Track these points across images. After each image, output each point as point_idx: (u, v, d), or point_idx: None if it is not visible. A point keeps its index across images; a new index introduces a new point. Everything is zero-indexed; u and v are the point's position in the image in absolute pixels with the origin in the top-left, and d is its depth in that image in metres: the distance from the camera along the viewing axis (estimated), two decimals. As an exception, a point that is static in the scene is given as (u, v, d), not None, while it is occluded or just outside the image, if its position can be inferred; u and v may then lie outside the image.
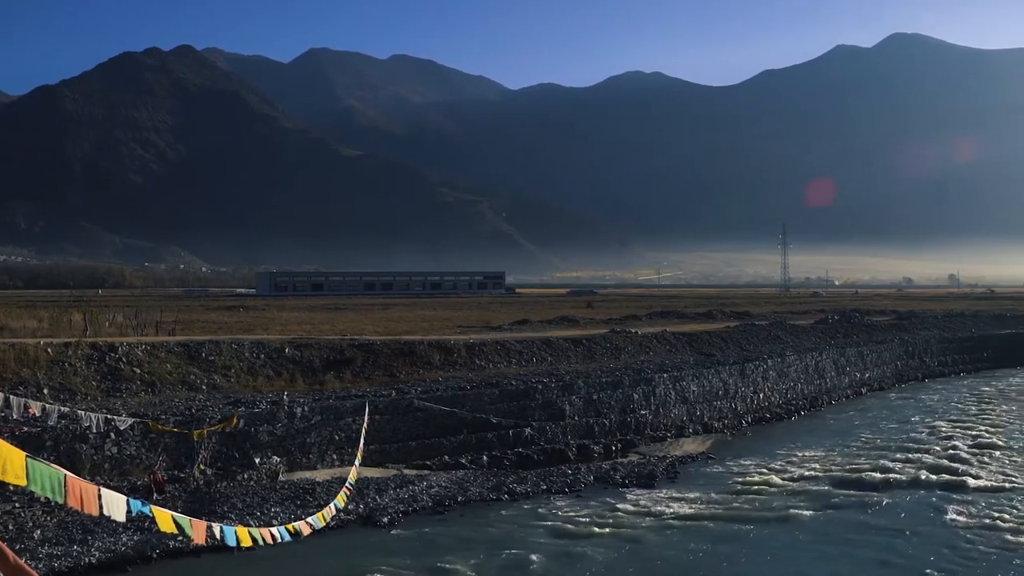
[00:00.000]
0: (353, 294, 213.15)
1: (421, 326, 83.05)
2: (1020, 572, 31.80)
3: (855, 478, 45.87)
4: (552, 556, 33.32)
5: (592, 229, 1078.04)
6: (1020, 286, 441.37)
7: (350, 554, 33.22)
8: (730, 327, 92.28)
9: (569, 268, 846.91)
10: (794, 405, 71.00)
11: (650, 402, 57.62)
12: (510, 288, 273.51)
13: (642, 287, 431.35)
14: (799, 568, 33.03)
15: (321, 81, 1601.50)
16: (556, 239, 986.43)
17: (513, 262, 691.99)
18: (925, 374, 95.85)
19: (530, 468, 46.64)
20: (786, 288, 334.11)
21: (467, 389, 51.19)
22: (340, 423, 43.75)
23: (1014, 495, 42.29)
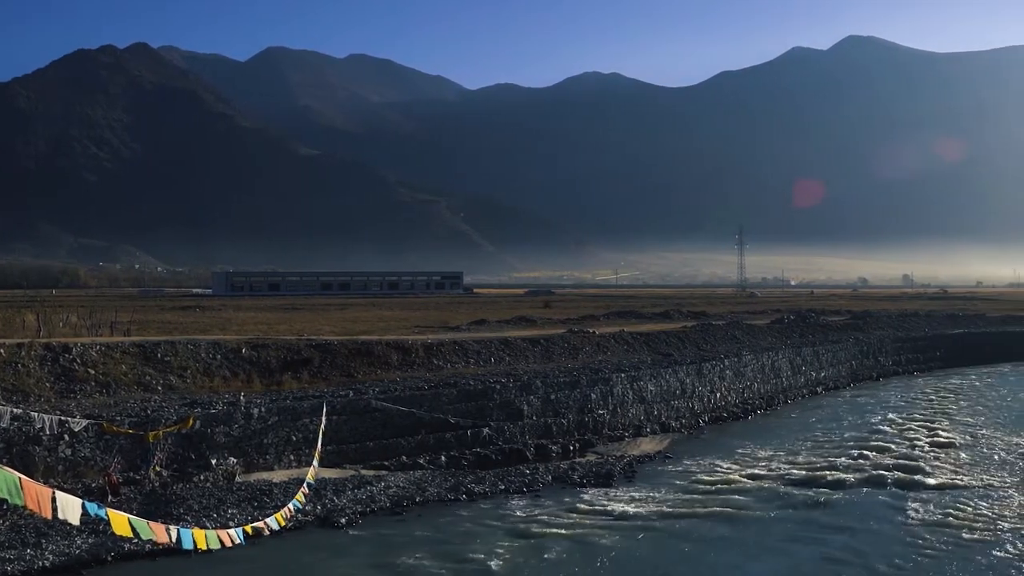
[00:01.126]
0: (310, 294, 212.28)
1: (379, 326, 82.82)
2: (973, 569, 32.21)
3: (811, 477, 46.26)
4: (510, 556, 33.34)
5: (550, 229, 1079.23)
6: (973, 286, 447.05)
7: (308, 555, 33.10)
8: (687, 327, 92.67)
9: (527, 268, 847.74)
10: (751, 404, 71.47)
11: (608, 402, 57.78)
12: (468, 288, 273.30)
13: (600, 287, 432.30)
14: (755, 566, 33.26)
15: (278, 80, 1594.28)
16: (514, 239, 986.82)
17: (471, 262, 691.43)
18: (880, 373, 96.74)
19: (488, 468, 46.65)
20: (743, 288, 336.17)
21: (425, 389, 51.10)
22: (297, 424, 43.55)
23: (967, 493, 42.84)
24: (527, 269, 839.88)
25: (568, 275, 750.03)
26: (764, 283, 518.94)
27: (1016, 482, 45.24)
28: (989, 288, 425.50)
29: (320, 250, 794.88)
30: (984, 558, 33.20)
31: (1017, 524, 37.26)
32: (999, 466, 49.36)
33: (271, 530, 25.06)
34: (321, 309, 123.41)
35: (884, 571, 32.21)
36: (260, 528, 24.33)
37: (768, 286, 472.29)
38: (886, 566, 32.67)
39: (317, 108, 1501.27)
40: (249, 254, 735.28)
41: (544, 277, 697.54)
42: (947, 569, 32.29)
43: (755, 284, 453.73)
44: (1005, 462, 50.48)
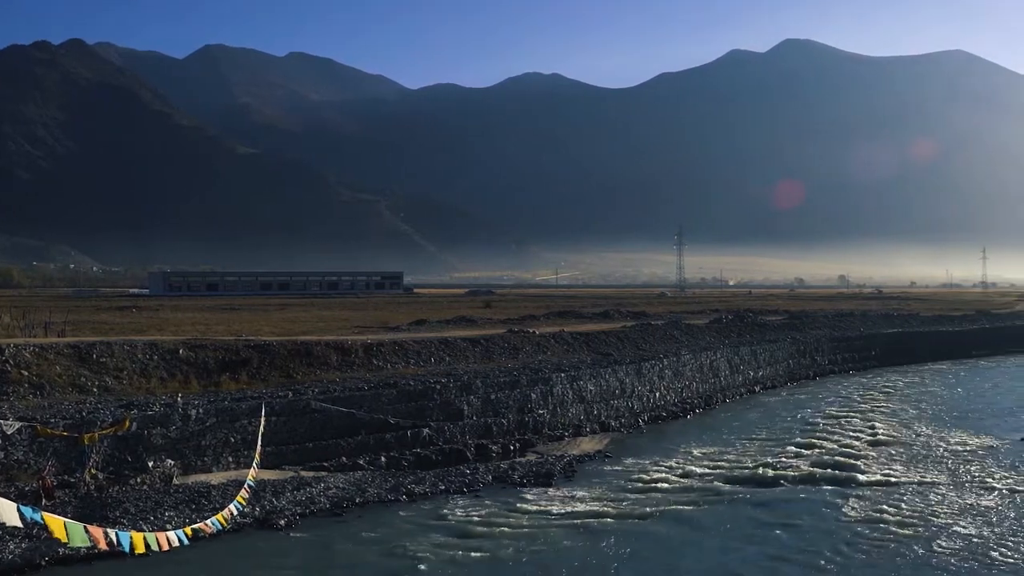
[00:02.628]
0: (249, 294, 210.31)
1: (318, 326, 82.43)
2: (906, 563, 32.73)
3: (749, 475, 46.75)
4: (450, 556, 33.35)
5: (490, 229, 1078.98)
6: (907, 287, 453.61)
7: (247, 557, 32.87)
8: (627, 327, 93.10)
9: (467, 268, 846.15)
10: (689, 404, 71.96)
11: (548, 401, 57.93)
12: (408, 288, 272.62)
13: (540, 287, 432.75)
14: (693, 564, 33.52)
15: (217, 78, 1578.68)
16: (454, 239, 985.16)
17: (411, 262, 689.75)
18: (817, 372, 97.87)
19: (428, 468, 46.61)
20: (681, 288, 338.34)
21: (365, 390, 50.93)
22: (236, 425, 43.24)
23: (902, 490, 43.55)
24: (467, 269, 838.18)
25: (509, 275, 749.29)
26: (703, 283, 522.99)
27: (949, 479, 46.03)
28: (922, 288, 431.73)
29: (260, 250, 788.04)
30: (918, 553, 33.77)
31: (950, 520, 37.93)
32: (933, 463, 50.17)
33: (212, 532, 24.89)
34: (260, 309, 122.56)
35: (823, 567, 32.64)
36: (200, 530, 24.15)
37: (707, 286, 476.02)
38: (825, 562, 33.11)
39: (256, 107, 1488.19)
40: (187, 254, 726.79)
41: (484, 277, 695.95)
42: (884, 564, 32.80)
43: (694, 284, 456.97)
44: (938, 459, 51.32)
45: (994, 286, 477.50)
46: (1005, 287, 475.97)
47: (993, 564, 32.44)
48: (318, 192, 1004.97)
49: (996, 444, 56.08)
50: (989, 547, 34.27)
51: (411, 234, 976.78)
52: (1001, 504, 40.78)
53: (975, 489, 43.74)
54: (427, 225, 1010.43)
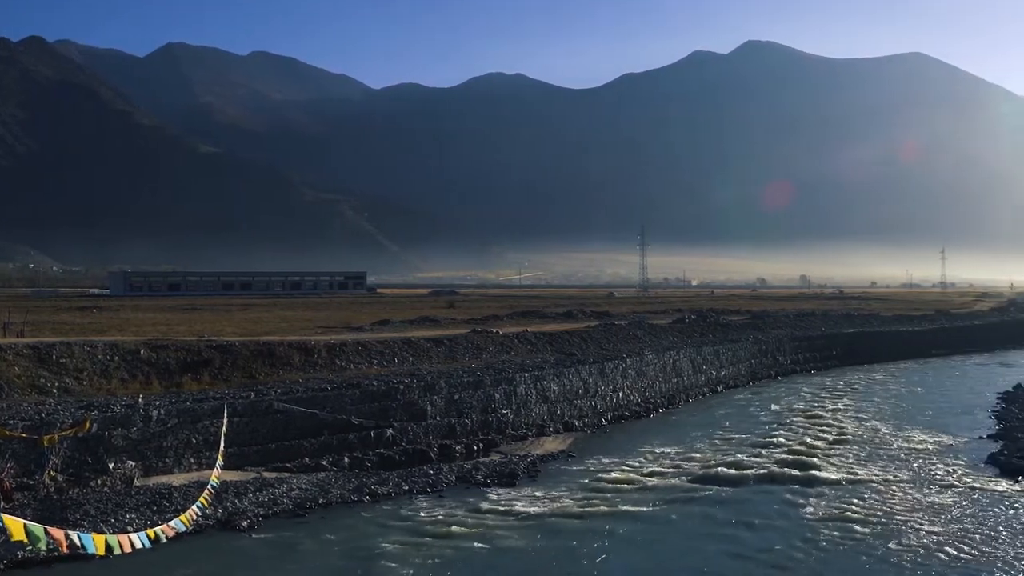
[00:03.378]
0: (211, 294, 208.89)
1: (281, 327, 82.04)
2: (867, 561, 33.02)
3: (711, 473, 46.98)
4: (413, 557, 33.31)
5: (454, 229, 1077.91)
6: (868, 287, 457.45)
7: (209, 559, 32.68)
8: (590, 327, 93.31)
9: (430, 268, 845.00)
10: (652, 403, 72.23)
11: (511, 401, 57.96)
12: (371, 288, 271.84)
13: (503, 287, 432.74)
14: (657, 563, 33.64)
15: (178, 77, 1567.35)
16: (418, 239, 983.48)
17: (374, 262, 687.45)
18: (778, 372, 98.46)
19: (392, 469, 46.52)
20: (644, 288, 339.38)
21: (328, 390, 50.74)
22: (198, 426, 42.97)
23: (862, 488, 43.92)
24: (431, 269, 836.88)
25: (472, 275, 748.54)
26: (666, 283, 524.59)
27: (909, 477, 46.47)
28: (883, 288, 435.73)
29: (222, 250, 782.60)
30: (879, 551, 34.08)
31: (910, 518, 38.28)
32: (893, 461, 50.63)
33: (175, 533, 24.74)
34: (222, 309, 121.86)
35: (785, 566, 32.89)
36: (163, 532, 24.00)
37: (670, 286, 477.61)
38: (787, 560, 33.37)
39: (218, 106, 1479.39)
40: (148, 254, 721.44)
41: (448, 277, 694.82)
42: (845, 562, 33.10)
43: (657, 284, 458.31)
44: (899, 457, 51.80)
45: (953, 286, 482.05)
46: (964, 287, 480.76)
47: (952, 561, 32.79)
48: (281, 192, 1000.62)
49: (955, 442, 56.69)
50: (948, 544, 34.62)
51: (374, 234, 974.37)
52: (960, 502, 41.21)
53: (935, 487, 44.19)
54: (390, 225, 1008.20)
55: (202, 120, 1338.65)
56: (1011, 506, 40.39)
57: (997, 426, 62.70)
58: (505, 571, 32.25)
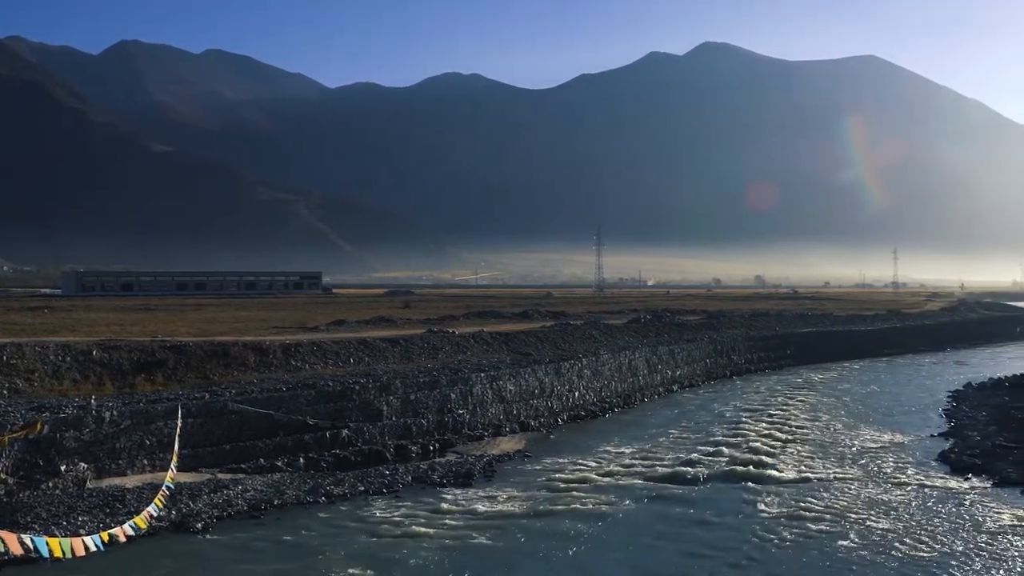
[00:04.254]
0: (165, 294, 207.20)
1: (235, 327, 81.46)
2: (821, 558, 33.35)
3: (666, 473, 47.24)
4: (369, 558, 33.25)
5: (410, 229, 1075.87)
6: (821, 287, 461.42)
7: (162, 562, 32.43)
8: (546, 327, 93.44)
9: (386, 268, 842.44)
10: (608, 403, 72.43)
11: (467, 401, 57.95)
12: (327, 288, 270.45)
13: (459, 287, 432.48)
14: (611, 562, 33.79)
15: (132, 75, 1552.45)
16: (373, 239, 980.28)
17: (330, 262, 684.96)
18: (734, 371, 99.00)
19: (347, 469, 46.37)
20: (600, 288, 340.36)
21: (283, 391, 50.50)
22: (151, 427, 42.62)
23: (816, 486, 44.36)
24: (387, 269, 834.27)
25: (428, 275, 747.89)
26: (622, 283, 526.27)
27: (862, 475, 46.93)
28: (836, 288, 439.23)
29: (176, 249, 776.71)
30: (833, 548, 34.42)
31: (862, 515, 38.68)
32: (846, 459, 51.12)
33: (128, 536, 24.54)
34: (176, 310, 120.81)
35: (741, 564, 33.14)
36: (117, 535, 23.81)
37: (626, 286, 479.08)
38: (743, 559, 33.62)
39: (172, 104, 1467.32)
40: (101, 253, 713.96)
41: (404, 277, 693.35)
42: (799, 559, 33.39)
43: (612, 284, 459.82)
44: (851, 455, 52.31)
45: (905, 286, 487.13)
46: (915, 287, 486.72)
47: (903, 558, 33.18)
48: (235, 191, 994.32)
49: (906, 440, 57.32)
50: (899, 541, 35.03)
51: (329, 234, 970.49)
52: (911, 499, 41.70)
53: (887, 485, 44.68)
54: (346, 225, 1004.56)
55: (156, 119, 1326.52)
56: (960, 503, 40.91)
57: (947, 424, 63.47)
58: (461, 571, 32.23)
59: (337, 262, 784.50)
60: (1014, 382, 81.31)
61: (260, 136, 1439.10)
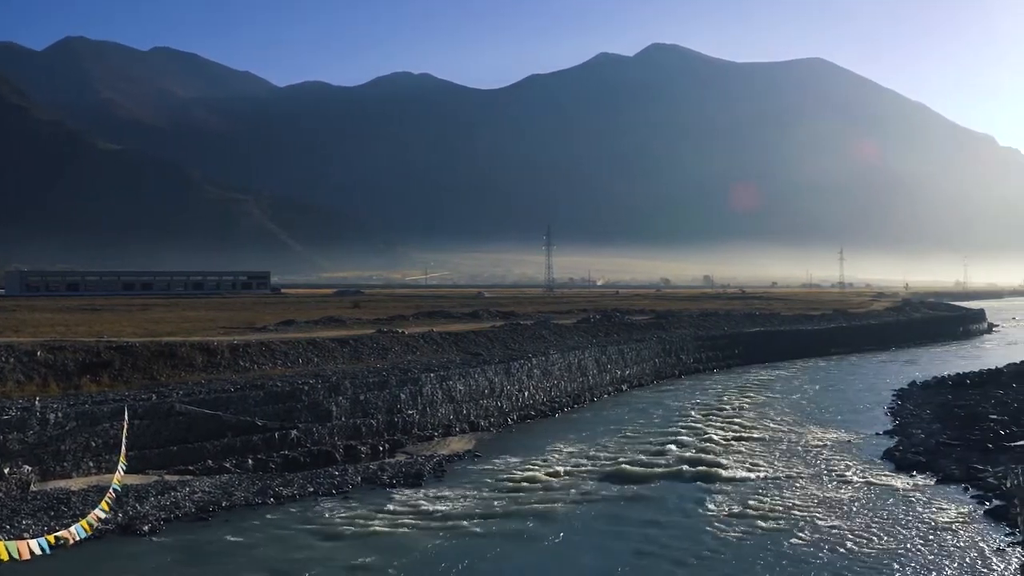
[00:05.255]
0: (111, 294, 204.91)
1: (183, 327, 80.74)
2: (768, 556, 33.64)
3: (616, 472, 47.45)
4: (318, 560, 33.15)
5: (359, 229, 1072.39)
6: (769, 286, 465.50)
7: (108, 565, 32.10)
8: (496, 327, 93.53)
9: (336, 268, 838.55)
10: (558, 402, 72.56)
11: (417, 402, 57.87)
12: (275, 288, 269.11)
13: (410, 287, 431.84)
14: (562, 561, 33.90)
15: (77, 72, 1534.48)
16: (322, 239, 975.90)
17: (279, 262, 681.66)
18: (682, 371, 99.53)
19: (296, 470, 46.18)
20: (550, 288, 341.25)
21: (231, 391, 50.14)
22: (97, 429, 42.16)
23: (764, 484, 44.77)
24: (336, 269, 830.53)
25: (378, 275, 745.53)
26: (571, 283, 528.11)
27: (808, 473, 47.39)
28: (784, 288, 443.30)
29: (123, 249, 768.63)
30: (780, 546, 34.74)
31: (810, 513, 39.07)
32: (793, 457, 51.61)
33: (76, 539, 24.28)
34: (122, 310, 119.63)
35: (690, 562, 33.35)
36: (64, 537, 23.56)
37: (575, 286, 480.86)
38: (692, 557, 33.84)
39: (119, 102, 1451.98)
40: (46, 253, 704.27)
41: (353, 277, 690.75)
42: (747, 558, 33.65)
43: (562, 284, 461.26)
44: (798, 454, 52.81)
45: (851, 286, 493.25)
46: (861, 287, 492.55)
47: (849, 554, 33.56)
48: (183, 190, 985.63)
49: (852, 439, 57.91)
50: (846, 538, 35.43)
51: (279, 233, 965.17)
52: (857, 497, 42.15)
53: (833, 483, 45.14)
54: (295, 224, 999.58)
55: (103, 116, 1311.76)
56: (905, 500, 41.43)
57: (893, 422, 64.19)
58: (411, 572, 32.21)
59: (287, 262, 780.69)
60: (957, 381, 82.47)
61: (209, 135, 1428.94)
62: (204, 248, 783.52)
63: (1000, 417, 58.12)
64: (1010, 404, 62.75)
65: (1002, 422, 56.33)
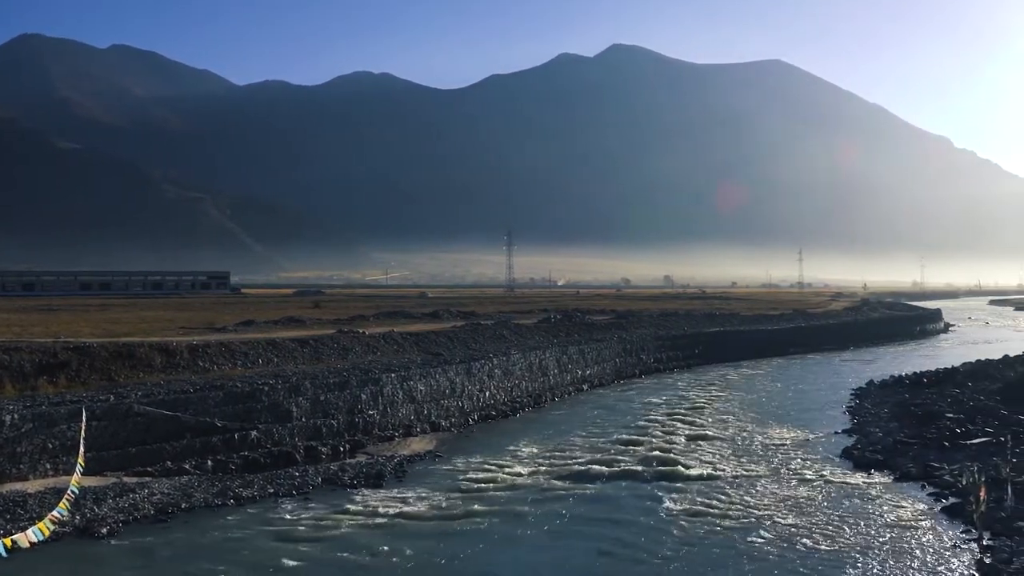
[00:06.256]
0: (68, 294, 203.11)
1: (141, 327, 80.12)
2: (727, 554, 33.86)
3: (576, 472, 47.55)
4: (277, 561, 32.99)
5: (320, 229, 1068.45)
6: (729, 287, 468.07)
7: (66, 568, 31.81)
8: (457, 327, 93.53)
9: (296, 268, 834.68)
10: (519, 402, 72.60)
11: (378, 402, 57.74)
12: (235, 288, 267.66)
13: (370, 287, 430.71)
14: (523, 562, 33.91)
15: (34, 69, 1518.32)
16: (282, 239, 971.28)
17: (239, 262, 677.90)
18: (643, 371, 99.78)
19: (257, 471, 45.95)
20: (511, 289, 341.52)
21: (190, 392, 49.80)
22: (54, 430, 41.75)
23: (723, 483, 45.03)
24: (296, 269, 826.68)
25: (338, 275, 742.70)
26: (532, 283, 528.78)
27: (768, 471, 47.70)
28: (743, 288, 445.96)
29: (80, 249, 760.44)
30: (739, 544, 34.94)
31: (769, 511, 39.32)
32: (753, 456, 51.93)
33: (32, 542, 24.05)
34: (80, 310, 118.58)
35: (650, 561, 33.47)
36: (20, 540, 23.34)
37: (536, 286, 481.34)
38: (652, 556, 33.94)
39: (77, 100, 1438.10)
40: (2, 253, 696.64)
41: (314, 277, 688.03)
42: (707, 556, 33.83)
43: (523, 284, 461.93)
44: (758, 452, 53.15)
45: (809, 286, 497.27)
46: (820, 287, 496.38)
47: (808, 552, 33.81)
48: (142, 189, 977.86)
49: (811, 437, 58.35)
50: (805, 536, 35.69)
51: (238, 233, 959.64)
52: (816, 495, 42.47)
53: (792, 481, 45.46)
54: (255, 224, 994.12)
55: (61, 115, 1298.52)
56: (863, 498, 41.77)
57: (851, 421, 64.68)
58: (371, 573, 32.17)
59: (247, 262, 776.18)
60: (914, 380, 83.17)
61: (169, 134, 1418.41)
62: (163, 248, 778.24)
63: (956, 415, 58.67)
64: (965, 403, 63.33)
65: (958, 420, 56.86)
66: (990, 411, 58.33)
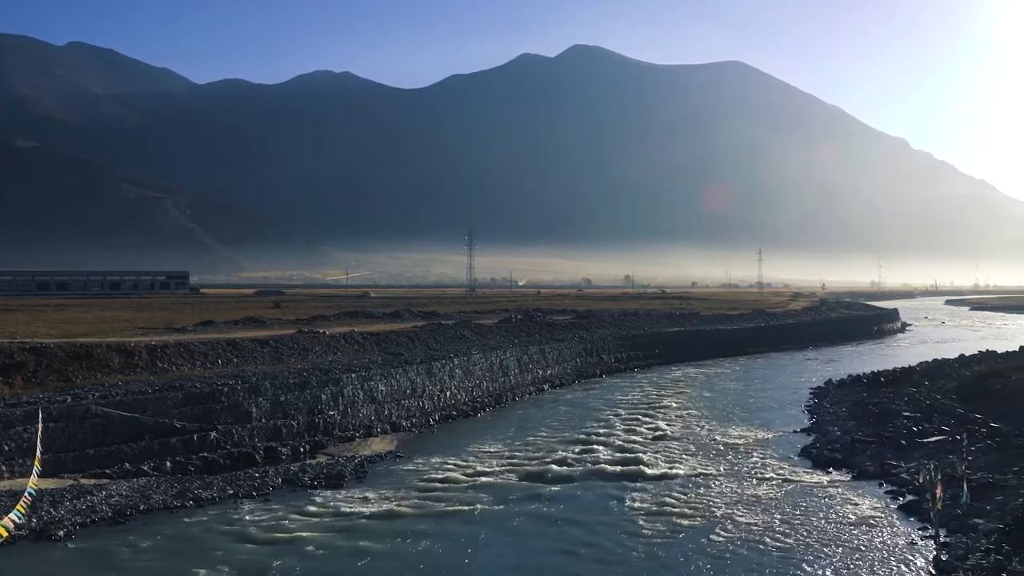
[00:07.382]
0: (24, 295, 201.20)
1: (99, 328, 79.46)
2: (687, 552, 34.07)
3: (537, 471, 47.66)
4: (237, 563, 32.83)
5: (280, 229, 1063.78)
6: (689, 287, 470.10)
7: (22, 571, 31.52)
8: (417, 327, 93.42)
9: (256, 268, 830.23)
10: (480, 402, 72.65)
11: (338, 402, 57.61)
12: (194, 288, 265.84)
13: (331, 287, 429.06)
14: (482, 561, 33.90)
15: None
16: (243, 238, 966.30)
17: (198, 262, 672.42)
18: (603, 371, 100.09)
19: (216, 472, 45.72)
20: (472, 289, 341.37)
21: (149, 393, 49.44)
22: (10, 432, 41.35)
23: (683, 482, 45.31)
24: (257, 269, 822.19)
25: (299, 275, 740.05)
26: (493, 283, 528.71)
27: (726, 470, 48.01)
28: (703, 288, 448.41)
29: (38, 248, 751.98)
30: (699, 542, 35.16)
31: (729, 510, 39.58)
32: (713, 455, 52.24)
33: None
34: (37, 310, 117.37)
35: (611, 559, 33.62)
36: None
37: (497, 286, 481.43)
38: (612, 555, 34.12)
39: (35, 97, 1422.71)
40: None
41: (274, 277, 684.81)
42: (667, 554, 34.01)
43: (484, 284, 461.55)
44: (718, 452, 53.46)
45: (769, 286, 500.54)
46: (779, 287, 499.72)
47: (767, 550, 34.06)
48: (100, 188, 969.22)
49: (770, 436, 58.76)
50: (764, 534, 35.96)
51: (198, 233, 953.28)
52: (775, 493, 42.81)
53: (752, 480, 45.79)
54: (215, 224, 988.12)
55: (18, 113, 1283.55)
56: (821, 496, 42.14)
57: (809, 420, 65.24)
58: (331, 573, 32.10)
59: (207, 262, 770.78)
60: (871, 379, 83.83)
61: (127, 132, 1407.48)
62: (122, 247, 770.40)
63: (913, 414, 59.23)
64: (922, 401, 63.94)
65: (915, 419, 57.41)
66: (946, 410, 58.93)
